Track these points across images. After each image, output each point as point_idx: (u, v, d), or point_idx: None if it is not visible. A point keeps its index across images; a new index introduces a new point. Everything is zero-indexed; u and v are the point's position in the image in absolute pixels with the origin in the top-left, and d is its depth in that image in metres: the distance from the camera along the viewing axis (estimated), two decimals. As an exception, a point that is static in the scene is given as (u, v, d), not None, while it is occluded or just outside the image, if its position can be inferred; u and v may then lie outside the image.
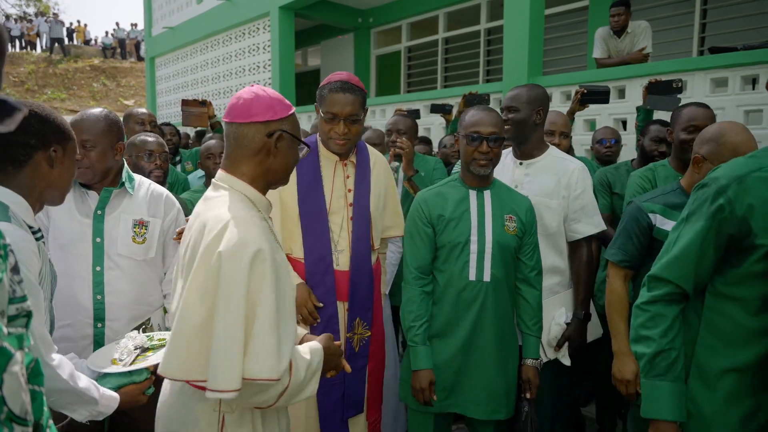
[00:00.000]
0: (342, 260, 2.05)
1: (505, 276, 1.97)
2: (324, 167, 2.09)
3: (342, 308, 2.06)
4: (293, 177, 2.05)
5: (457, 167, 2.60)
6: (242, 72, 9.19)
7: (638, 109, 3.26)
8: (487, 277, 1.93)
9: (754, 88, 3.78)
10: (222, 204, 1.29)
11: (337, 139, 1.99)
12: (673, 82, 3.05)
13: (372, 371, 2.14)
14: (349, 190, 2.09)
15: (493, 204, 1.98)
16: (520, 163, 2.24)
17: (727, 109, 3.80)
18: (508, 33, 4.94)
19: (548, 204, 2.14)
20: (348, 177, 2.10)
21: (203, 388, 1.22)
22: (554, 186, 2.14)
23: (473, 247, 1.93)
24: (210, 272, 1.20)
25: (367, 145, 2.23)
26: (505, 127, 2.10)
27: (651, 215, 1.84)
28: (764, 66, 3.63)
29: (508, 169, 2.25)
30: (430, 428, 2.03)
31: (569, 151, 3.33)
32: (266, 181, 1.38)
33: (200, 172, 3.61)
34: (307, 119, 7.80)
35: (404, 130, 3.05)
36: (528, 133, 2.19)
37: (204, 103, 4.11)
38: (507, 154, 2.31)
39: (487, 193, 1.99)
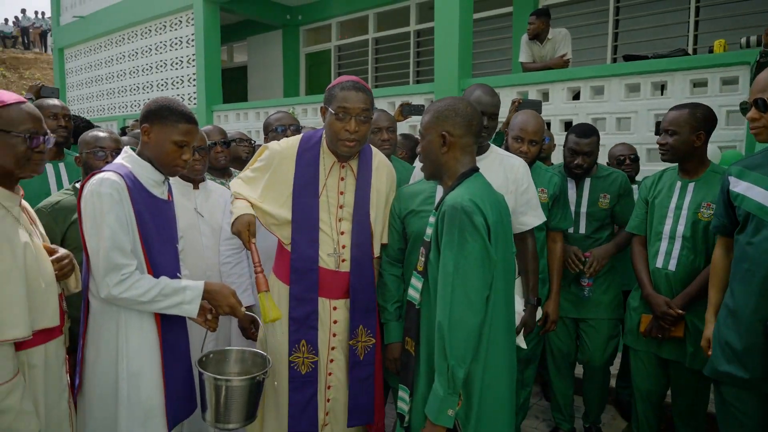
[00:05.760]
0: (333, 262, 2.04)
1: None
2: (321, 165, 2.07)
3: (325, 306, 2.04)
4: (291, 167, 2.03)
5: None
6: (164, 66, 8.75)
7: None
8: None
9: (662, 94, 4.10)
10: None
11: (346, 140, 1.97)
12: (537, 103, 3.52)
13: (376, 377, 2.12)
14: (341, 193, 2.08)
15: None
16: None
17: (639, 113, 4.10)
18: (439, 36, 5.05)
19: None
20: (342, 179, 2.09)
21: None
22: (502, 181, 2.21)
23: None
24: None
25: (373, 149, 2.19)
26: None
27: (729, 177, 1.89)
28: (671, 73, 3.95)
29: None
30: None
31: (545, 159, 3.47)
32: None
33: None
34: (235, 117, 7.55)
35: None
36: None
37: None
38: None
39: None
